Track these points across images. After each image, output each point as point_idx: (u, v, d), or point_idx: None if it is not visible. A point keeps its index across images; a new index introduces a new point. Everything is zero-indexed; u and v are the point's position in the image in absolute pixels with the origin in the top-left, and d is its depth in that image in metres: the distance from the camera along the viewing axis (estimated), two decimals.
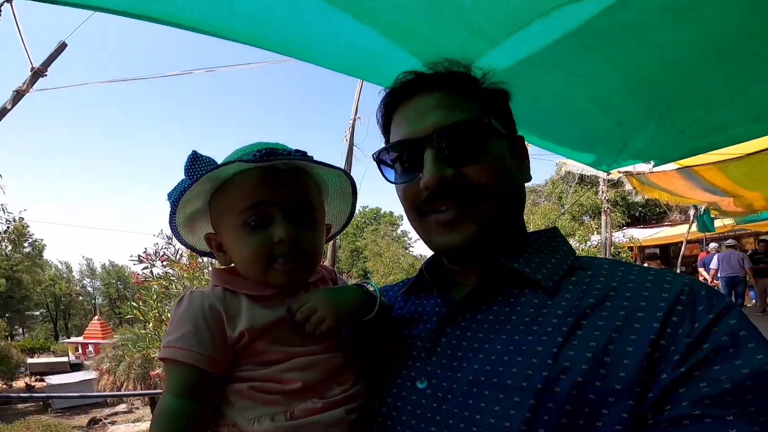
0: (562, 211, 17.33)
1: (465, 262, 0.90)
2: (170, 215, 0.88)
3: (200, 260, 7.34)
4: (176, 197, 0.84)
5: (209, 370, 0.77)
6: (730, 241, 12.55)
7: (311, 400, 0.79)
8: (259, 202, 0.83)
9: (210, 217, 0.92)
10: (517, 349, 0.71)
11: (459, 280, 0.92)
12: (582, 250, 11.85)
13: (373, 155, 0.91)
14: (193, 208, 0.92)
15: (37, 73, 2.48)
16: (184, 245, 0.98)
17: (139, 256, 7.83)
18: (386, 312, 0.95)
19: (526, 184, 0.93)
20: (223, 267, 0.93)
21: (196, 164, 0.81)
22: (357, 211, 1.07)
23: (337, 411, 0.79)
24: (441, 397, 0.74)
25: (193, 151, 0.81)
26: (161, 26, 1.39)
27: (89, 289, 55.70)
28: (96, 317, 28.16)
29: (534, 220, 14.15)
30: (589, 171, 4.91)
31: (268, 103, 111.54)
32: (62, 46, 2.52)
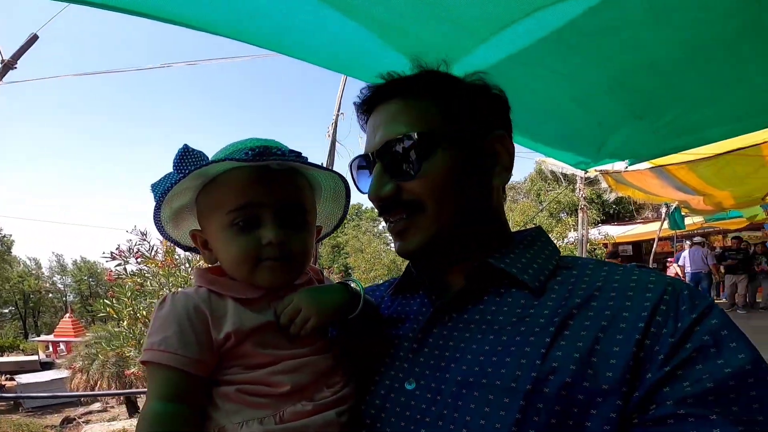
0: (541, 208, 17.59)
1: (449, 263, 0.90)
2: (155, 209, 0.85)
3: (176, 256, 7.16)
4: (163, 191, 0.81)
5: (195, 372, 0.75)
6: (696, 239, 13.03)
7: (301, 403, 0.77)
8: (250, 202, 0.80)
9: (197, 214, 0.89)
10: (505, 349, 0.72)
11: (446, 279, 0.91)
12: (560, 246, 12.06)
13: (348, 164, 0.95)
14: (180, 203, 0.88)
15: (8, 66, 2.39)
16: (169, 240, 0.94)
17: (111, 252, 7.59)
18: (372, 311, 0.94)
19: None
20: (207, 266, 0.90)
21: (186, 158, 0.78)
22: None
23: (328, 413, 0.78)
24: (430, 399, 0.74)
25: (185, 144, 0.78)
26: (141, 19, 1.35)
27: (60, 286, 54.00)
28: (67, 315, 27.27)
29: (513, 217, 14.31)
30: (569, 170, 5.00)
31: (251, 98, 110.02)
32: (33, 38, 2.43)
